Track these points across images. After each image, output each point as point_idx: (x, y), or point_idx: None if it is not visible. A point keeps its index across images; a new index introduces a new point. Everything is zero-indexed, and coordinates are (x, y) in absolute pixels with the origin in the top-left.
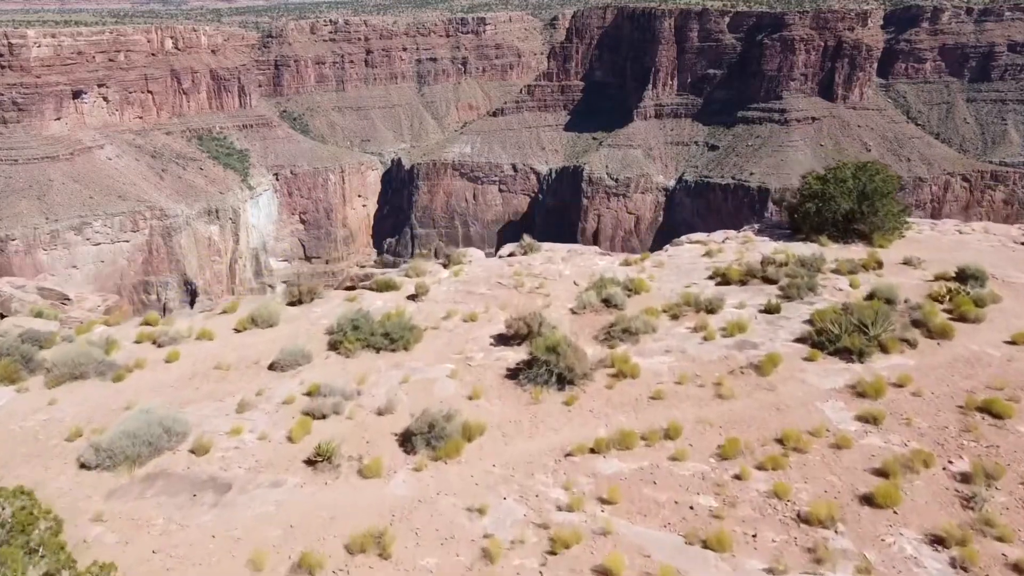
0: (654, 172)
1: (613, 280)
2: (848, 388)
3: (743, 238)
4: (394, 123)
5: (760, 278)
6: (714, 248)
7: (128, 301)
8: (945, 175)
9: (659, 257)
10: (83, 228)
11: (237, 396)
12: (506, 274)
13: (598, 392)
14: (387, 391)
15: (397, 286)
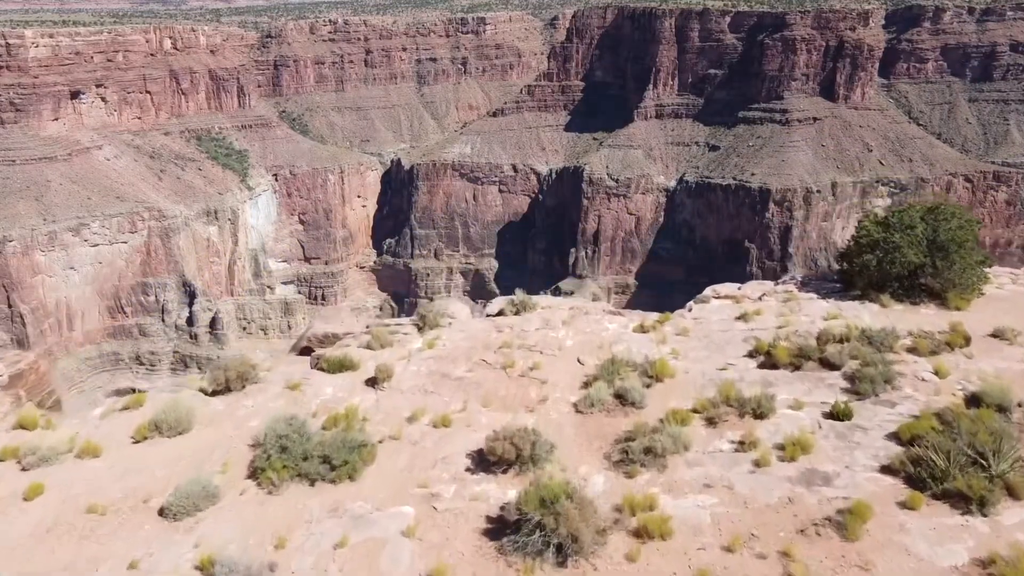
0: (655, 172)
1: (627, 363)
2: (976, 566)
3: (784, 294)
4: (394, 123)
5: (817, 360)
6: (750, 309)
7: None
8: (947, 176)
9: (682, 321)
10: (81, 229)
11: (102, 570)
12: (493, 344)
13: (615, 570)
14: (315, 563)
15: (354, 365)
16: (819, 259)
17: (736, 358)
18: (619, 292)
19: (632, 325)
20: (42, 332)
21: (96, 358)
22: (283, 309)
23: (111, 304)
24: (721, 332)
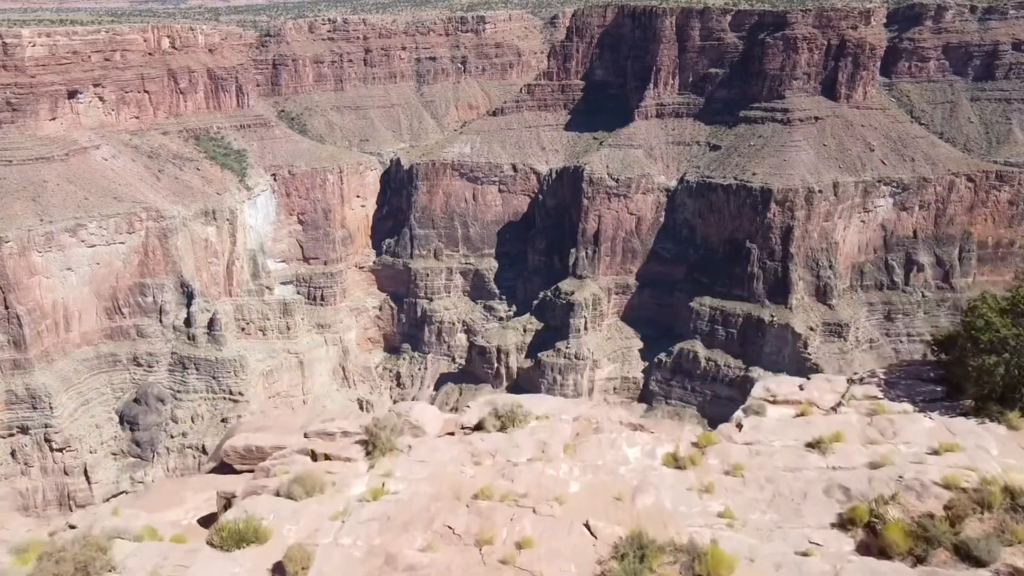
0: (655, 172)
1: (662, 546)
2: None
3: (867, 401)
4: (393, 123)
5: (950, 548)
6: (824, 431)
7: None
8: (950, 175)
9: (732, 449)
10: (78, 230)
11: None
12: (465, 491)
13: None
14: None
15: (261, 536)
16: (820, 259)
17: (821, 530)
18: (619, 292)
19: (661, 453)
20: (39, 333)
21: (94, 359)
22: (282, 310)
23: (108, 305)
24: (790, 473)
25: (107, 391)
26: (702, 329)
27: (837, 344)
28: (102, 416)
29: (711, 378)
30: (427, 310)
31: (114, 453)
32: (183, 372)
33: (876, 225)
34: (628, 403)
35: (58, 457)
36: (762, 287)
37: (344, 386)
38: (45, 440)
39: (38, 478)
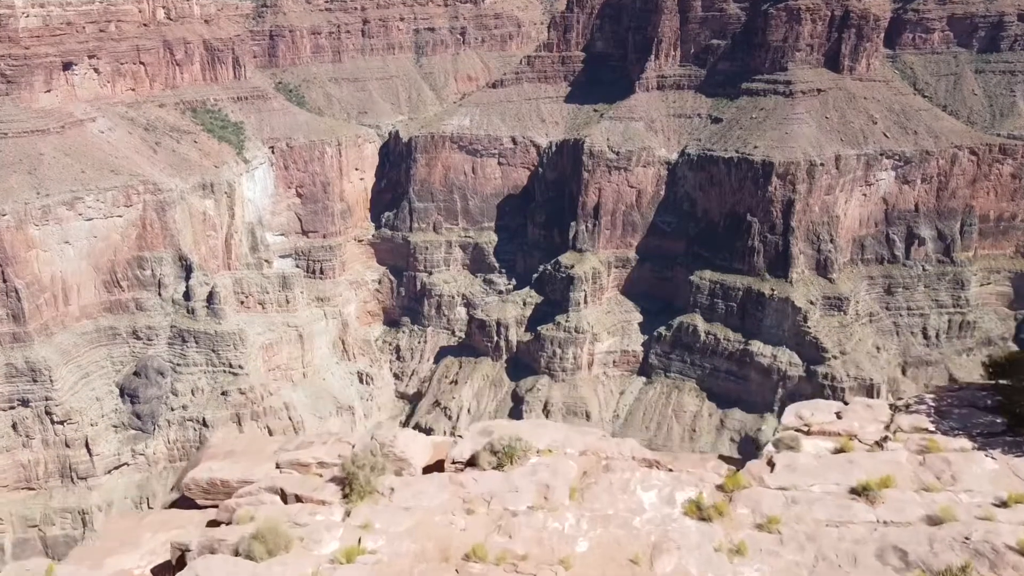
0: (656, 145)
1: None
2: None
3: (917, 436)
4: (391, 95)
5: None
6: (871, 476)
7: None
8: (952, 148)
9: (762, 496)
10: (75, 203)
11: None
12: (455, 551)
13: None
14: None
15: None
16: (821, 233)
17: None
18: (619, 266)
19: (682, 500)
20: (38, 307)
21: (93, 333)
22: (281, 283)
23: (107, 278)
24: (834, 529)
25: (107, 364)
26: (702, 303)
27: (837, 318)
28: (102, 389)
29: (710, 351)
30: (426, 283)
31: (115, 426)
32: (183, 345)
33: (878, 198)
34: (627, 376)
35: (59, 430)
36: (762, 261)
37: (344, 359)
38: (46, 413)
39: (39, 451)
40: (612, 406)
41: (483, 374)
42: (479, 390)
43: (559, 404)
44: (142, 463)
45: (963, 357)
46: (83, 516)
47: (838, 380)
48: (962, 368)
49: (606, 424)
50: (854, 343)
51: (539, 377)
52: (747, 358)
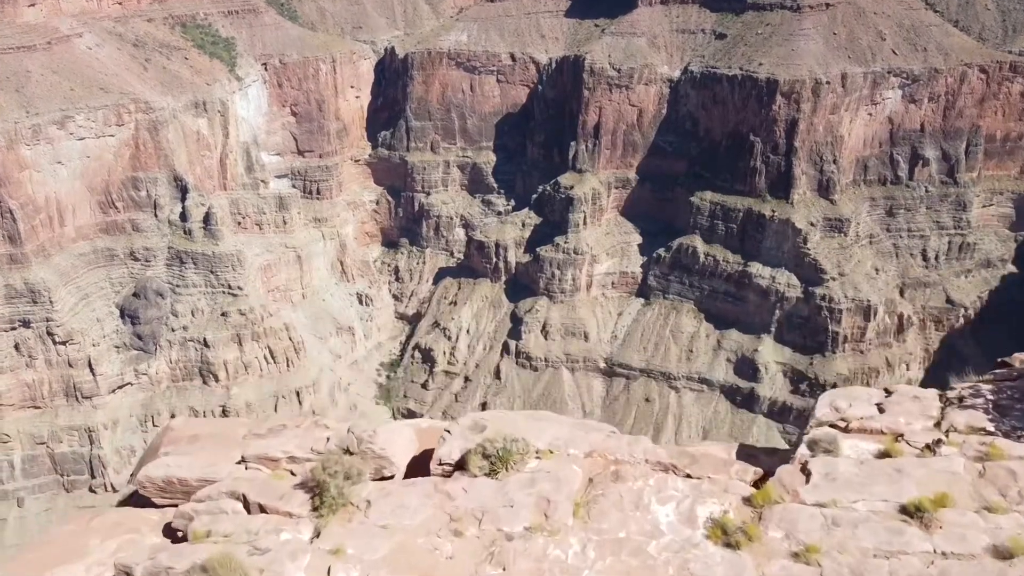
0: (658, 62)
1: None
2: None
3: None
4: (386, 9)
5: None
6: (924, 491)
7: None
8: (962, 66)
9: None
10: (66, 122)
11: None
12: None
13: None
14: None
15: None
16: (824, 153)
17: None
18: (619, 187)
19: (704, 515)
20: (34, 228)
21: (90, 254)
22: (278, 204)
23: (102, 199)
24: (885, 561)
25: (106, 285)
26: (702, 224)
27: (837, 240)
28: (103, 310)
29: (709, 273)
30: (424, 204)
31: (117, 346)
32: (181, 267)
33: (883, 118)
34: (626, 297)
35: (61, 350)
36: (764, 181)
37: (343, 280)
38: (48, 334)
39: (43, 371)
40: (610, 327)
41: (482, 295)
42: (478, 311)
43: (557, 325)
44: (145, 383)
45: (961, 279)
46: (90, 434)
47: (835, 302)
48: (960, 290)
49: (604, 344)
50: (853, 265)
51: (538, 298)
52: (746, 280)
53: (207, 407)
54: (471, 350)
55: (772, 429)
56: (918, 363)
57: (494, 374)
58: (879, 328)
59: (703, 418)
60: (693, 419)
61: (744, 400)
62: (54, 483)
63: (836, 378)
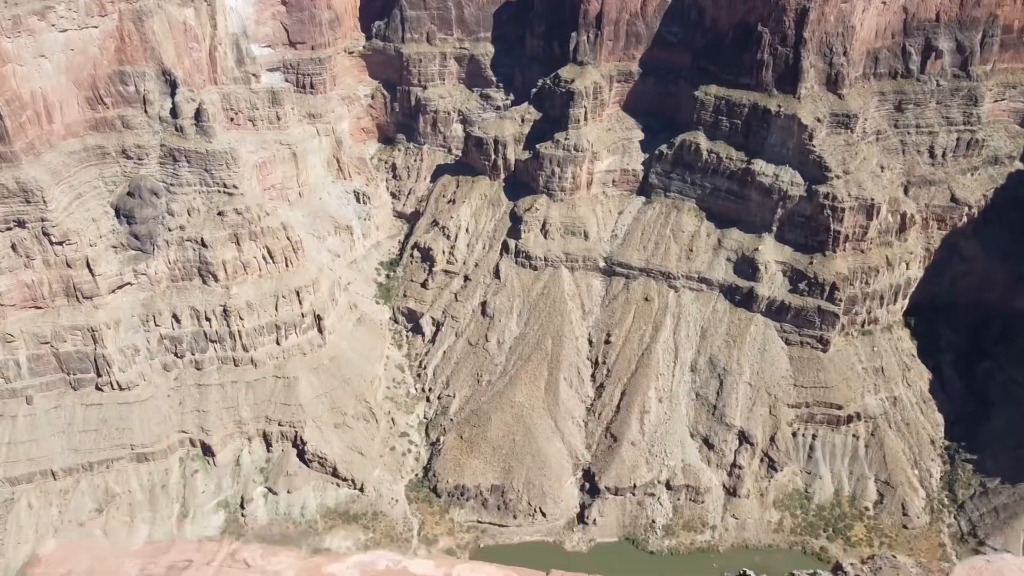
0: None
1: None
2: None
3: None
4: None
5: None
6: None
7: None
8: None
9: None
10: (46, 12)
11: None
12: None
13: None
14: None
15: None
16: (834, 45)
17: None
18: (621, 80)
19: None
20: (21, 125)
21: (81, 152)
22: (271, 99)
23: (89, 95)
24: None
25: (99, 184)
26: (706, 120)
27: (843, 136)
28: (97, 210)
29: (712, 171)
30: (421, 98)
31: (114, 246)
32: (174, 165)
33: (897, 7)
34: (627, 195)
35: (59, 250)
36: (771, 75)
37: (339, 178)
38: (43, 234)
39: (42, 271)
40: (610, 226)
41: (481, 193)
42: (477, 209)
43: (557, 224)
44: (145, 283)
45: (967, 177)
46: (93, 333)
47: (839, 200)
48: (965, 188)
49: (603, 244)
50: (858, 162)
51: (537, 196)
52: (748, 177)
53: (208, 307)
54: (470, 249)
55: (770, 328)
56: (918, 262)
57: (493, 273)
58: (881, 227)
59: (701, 317)
60: (691, 318)
61: (743, 299)
62: (61, 381)
63: (835, 277)
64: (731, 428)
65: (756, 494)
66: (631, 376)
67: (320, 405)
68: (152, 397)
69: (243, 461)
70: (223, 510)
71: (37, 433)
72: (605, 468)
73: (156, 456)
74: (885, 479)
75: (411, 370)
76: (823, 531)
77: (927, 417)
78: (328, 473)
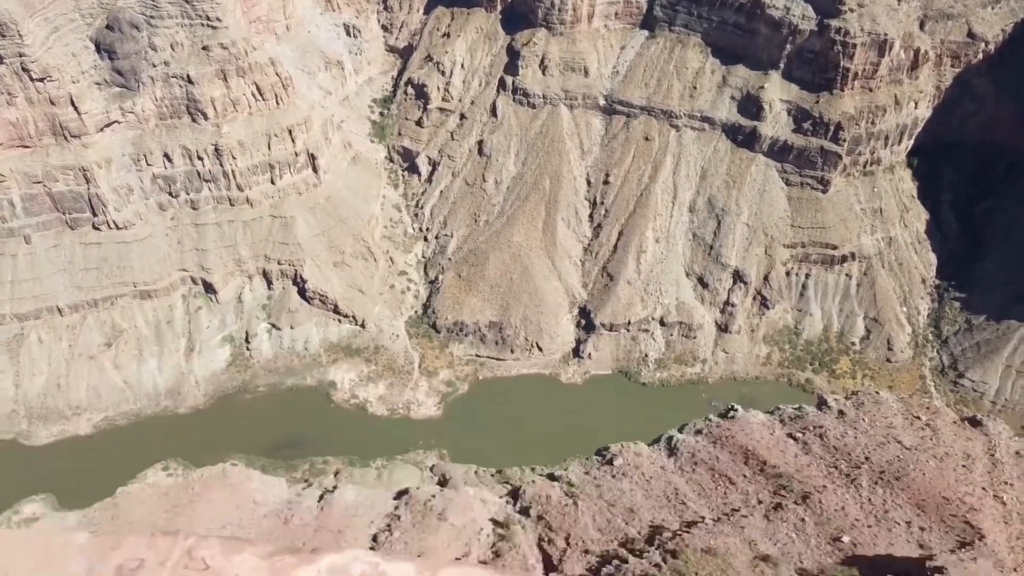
0: None
1: None
2: None
3: None
4: None
5: None
6: None
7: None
8: None
9: None
10: None
11: None
12: None
13: None
14: None
15: None
16: None
17: None
18: None
19: None
20: None
21: None
22: None
23: None
24: None
25: (76, 17)
26: None
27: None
28: (77, 44)
29: (719, 3)
30: None
31: (98, 83)
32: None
33: None
34: (629, 29)
35: (40, 87)
36: None
37: (328, 10)
38: (23, 70)
39: (25, 108)
40: (611, 62)
41: (476, 26)
42: (473, 43)
43: (556, 59)
44: (133, 121)
45: (987, 10)
46: (84, 173)
47: (851, 35)
48: (984, 23)
49: (604, 80)
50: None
51: (536, 30)
52: (758, 10)
53: (199, 146)
54: (466, 86)
55: (771, 168)
56: (928, 101)
57: (490, 111)
58: (892, 64)
59: (702, 157)
60: (692, 158)
61: (745, 139)
62: (57, 221)
63: (841, 116)
64: (726, 267)
65: (747, 330)
66: (629, 216)
67: (318, 244)
68: (150, 236)
69: (245, 298)
70: (228, 345)
71: (39, 271)
72: (601, 306)
73: (159, 293)
74: (874, 316)
75: (408, 210)
76: (809, 364)
77: (920, 257)
78: (329, 310)
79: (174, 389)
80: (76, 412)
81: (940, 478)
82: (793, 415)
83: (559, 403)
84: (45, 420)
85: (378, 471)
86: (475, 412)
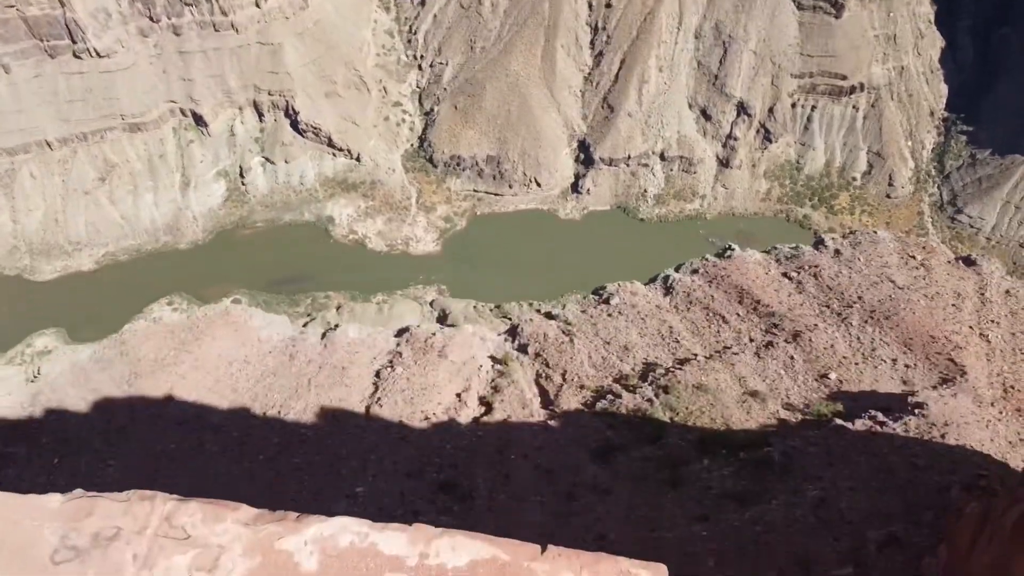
0: None
1: None
2: None
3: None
4: None
5: None
6: None
7: None
8: None
9: None
10: None
11: None
12: None
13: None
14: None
15: None
16: None
17: None
18: None
19: None
20: None
21: None
22: None
23: None
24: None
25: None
26: None
27: None
28: None
29: None
30: None
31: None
32: None
33: None
34: None
35: None
36: None
37: None
38: None
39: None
40: None
41: None
42: None
43: None
44: None
45: None
46: None
47: None
48: None
49: None
50: None
51: None
52: None
53: None
54: None
55: None
56: None
57: None
58: None
59: None
60: None
61: None
62: (35, 48)
63: None
64: (730, 99)
65: (748, 165)
66: (632, 43)
67: (308, 73)
68: (135, 65)
69: (237, 131)
70: (223, 179)
71: (23, 103)
72: (600, 139)
73: (148, 126)
74: (877, 151)
75: (401, 36)
76: (808, 200)
77: (931, 87)
78: (324, 143)
79: (172, 224)
80: (77, 248)
81: (929, 317)
82: (789, 254)
83: (557, 239)
84: (47, 255)
85: (379, 305)
86: (473, 248)
